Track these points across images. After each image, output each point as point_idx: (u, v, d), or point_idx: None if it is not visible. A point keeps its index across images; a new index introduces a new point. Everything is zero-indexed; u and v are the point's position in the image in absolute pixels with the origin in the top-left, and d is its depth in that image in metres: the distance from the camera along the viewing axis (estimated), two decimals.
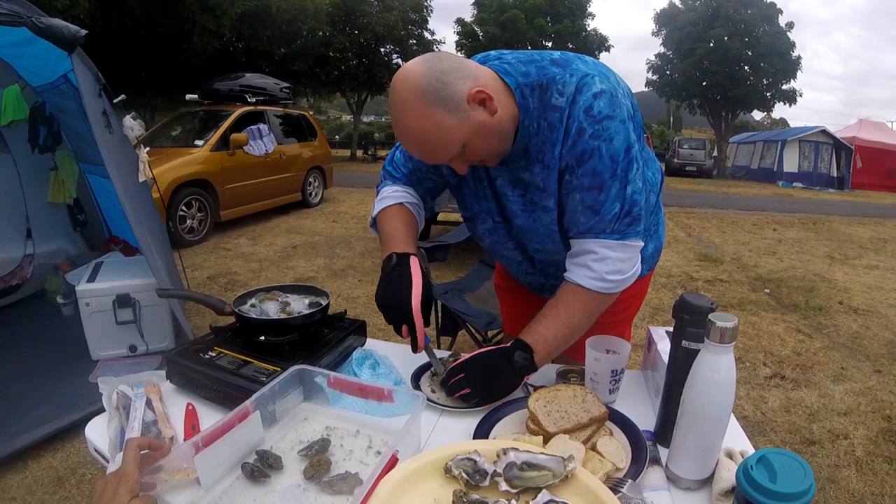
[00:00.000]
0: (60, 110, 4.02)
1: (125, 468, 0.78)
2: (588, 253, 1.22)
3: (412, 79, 1.07)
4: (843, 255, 7.72)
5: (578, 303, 1.24)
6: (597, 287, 1.21)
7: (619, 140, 1.13)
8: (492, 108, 1.11)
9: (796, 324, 4.70)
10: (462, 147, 1.13)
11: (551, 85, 1.15)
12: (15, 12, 2.62)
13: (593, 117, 1.12)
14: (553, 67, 1.17)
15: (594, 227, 1.20)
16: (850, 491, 2.52)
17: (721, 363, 0.87)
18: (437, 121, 1.07)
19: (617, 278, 1.22)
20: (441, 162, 1.18)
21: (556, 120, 1.15)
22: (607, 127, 1.12)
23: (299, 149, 9.75)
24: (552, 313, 1.25)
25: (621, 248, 1.21)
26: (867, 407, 3.27)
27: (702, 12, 25.26)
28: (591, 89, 1.12)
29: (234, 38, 18.60)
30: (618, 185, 1.16)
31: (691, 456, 0.96)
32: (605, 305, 1.28)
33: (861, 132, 22.05)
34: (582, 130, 1.12)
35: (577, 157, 1.15)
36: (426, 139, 1.10)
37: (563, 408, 1.07)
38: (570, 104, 1.13)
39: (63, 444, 2.68)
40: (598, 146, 1.13)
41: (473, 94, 1.08)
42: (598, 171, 1.15)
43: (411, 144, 1.15)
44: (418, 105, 1.06)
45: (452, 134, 1.09)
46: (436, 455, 0.91)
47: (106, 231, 4.67)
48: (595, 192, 1.17)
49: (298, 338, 1.38)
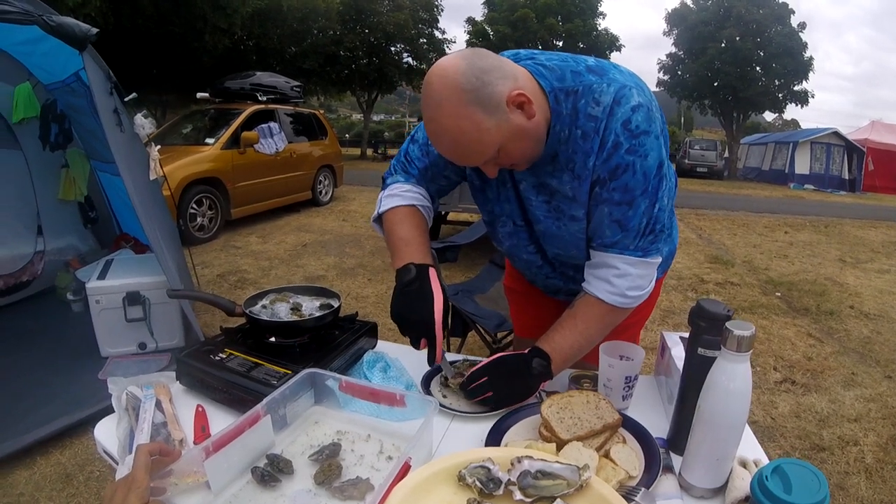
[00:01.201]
0: (71, 108, 4.04)
1: (135, 474, 0.78)
2: (610, 268, 1.21)
3: (452, 76, 1.02)
4: (854, 258, 7.66)
5: (596, 315, 1.24)
6: (616, 302, 1.21)
7: (653, 157, 1.12)
8: (530, 112, 1.08)
9: (807, 328, 4.67)
10: (497, 150, 1.09)
11: (587, 93, 1.12)
12: (26, 10, 2.63)
13: (631, 132, 1.10)
14: (589, 75, 1.15)
15: (619, 242, 1.19)
16: (859, 498, 2.50)
17: (737, 371, 0.86)
18: (476, 122, 1.03)
19: (636, 294, 1.21)
20: (474, 164, 1.14)
21: (590, 129, 1.13)
22: (643, 143, 1.10)
23: (309, 147, 9.77)
24: (570, 324, 1.24)
25: (642, 265, 1.21)
26: (877, 413, 3.24)
27: (713, 12, 25.13)
28: (630, 102, 1.10)
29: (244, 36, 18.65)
30: (647, 202, 1.15)
31: (705, 464, 0.95)
32: (621, 318, 1.27)
33: (873, 134, 21.91)
34: (619, 144, 1.10)
35: (610, 170, 1.13)
36: (462, 140, 1.06)
37: (577, 414, 1.06)
38: (608, 115, 1.11)
39: (71, 440, 2.69)
40: (633, 161, 1.11)
41: (514, 97, 1.05)
42: (631, 186, 1.13)
43: (445, 144, 1.10)
44: (457, 104, 1.02)
45: (490, 136, 1.05)
46: (449, 462, 0.90)
47: (116, 228, 4.69)
48: (624, 208, 1.15)
49: (309, 340, 1.37)
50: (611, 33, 28.35)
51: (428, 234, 1.39)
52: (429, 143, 1.39)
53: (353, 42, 23.41)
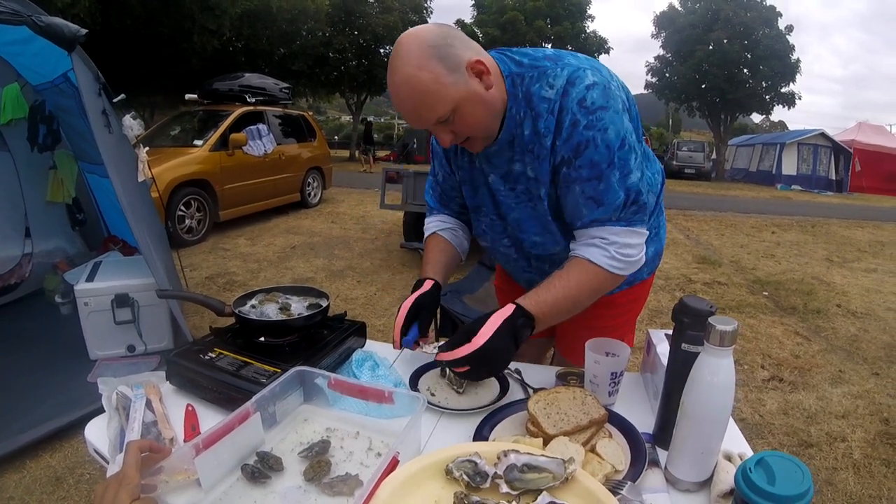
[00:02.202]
0: (60, 109, 4.02)
1: (125, 471, 0.78)
2: (595, 237, 1.23)
3: (420, 33, 1.12)
4: (841, 258, 7.73)
5: (584, 277, 1.23)
6: (606, 264, 1.21)
7: (613, 130, 1.14)
8: (487, 82, 1.15)
9: (794, 326, 4.70)
10: (452, 111, 1.14)
11: (541, 77, 1.18)
12: (15, 11, 2.62)
13: (587, 108, 1.13)
14: (545, 61, 1.20)
15: (599, 217, 1.21)
16: (847, 494, 2.53)
17: (721, 366, 0.88)
18: (435, 73, 1.09)
19: (625, 259, 1.22)
20: (430, 122, 1.17)
21: (544, 111, 1.17)
22: (601, 117, 1.13)
23: (298, 149, 9.74)
24: (560, 283, 1.23)
25: (628, 234, 1.22)
26: (865, 410, 3.28)
27: (701, 15, 25.28)
28: (584, 81, 1.14)
29: (233, 37, 18.56)
30: (617, 174, 1.17)
31: (690, 458, 0.96)
32: (611, 286, 1.28)
33: (860, 135, 22.09)
34: (576, 122, 1.14)
35: (573, 148, 1.16)
36: (421, 90, 1.11)
37: (563, 410, 1.07)
38: (562, 96, 1.15)
39: (61, 443, 2.68)
40: (593, 136, 1.14)
41: (473, 63, 1.13)
42: (596, 161, 1.16)
43: (404, 95, 1.14)
44: (420, 55, 1.09)
45: (446, 91, 1.11)
46: (437, 457, 0.91)
47: (105, 230, 4.67)
48: (595, 183, 1.17)
49: (298, 339, 1.38)
50: (599, 36, 28.48)
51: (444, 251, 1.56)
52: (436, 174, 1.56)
53: (343, 44, 23.38)
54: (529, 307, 1.20)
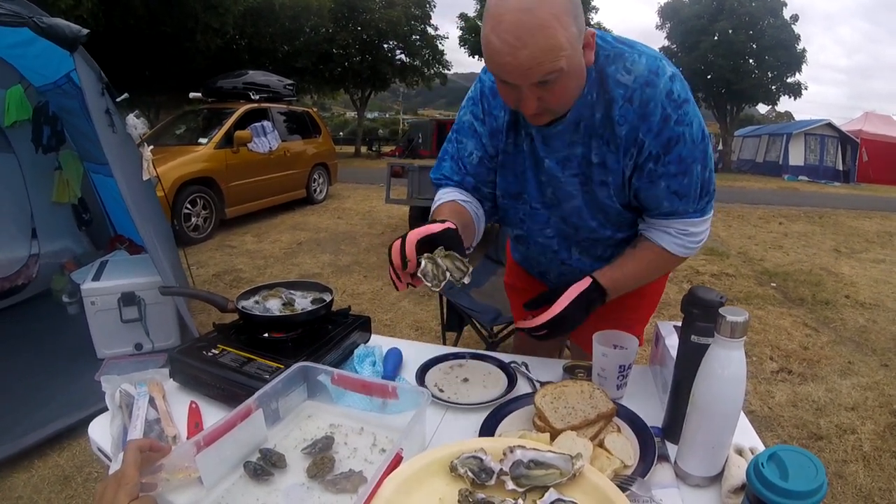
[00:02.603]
0: (64, 110, 4.02)
1: (125, 470, 0.77)
2: (671, 227, 1.26)
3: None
4: (849, 248, 7.68)
5: (656, 260, 1.31)
6: (678, 251, 1.27)
7: (696, 123, 1.14)
8: (589, 57, 1.09)
9: (803, 318, 4.67)
10: (560, 70, 1.02)
11: (618, 59, 1.13)
12: (16, 13, 2.62)
13: (675, 102, 1.11)
14: (618, 44, 1.16)
15: (678, 210, 1.22)
16: (857, 486, 2.51)
17: (731, 358, 0.86)
18: (569, 32, 0.99)
19: (695, 246, 1.29)
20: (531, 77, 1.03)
21: (618, 96, 1.13)
22: (687, 111, 1.13)
23: (303, 145, 9.75)
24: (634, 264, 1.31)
25: (702, 222, 1.26)
26: (874, 401, 3.25)
27: (706, 5, 25.14)
28: (666, 73, 1.11)
29: (237, 35, 18.58)
30: (699, 167, 1.17)
31: (701, 453, 0.95)
32: (673, 267, 1.39)
33: (867, 125, 21.94)
34: (668, 117, 1.11)
35: (663, 144, 1.14)
36: (550, 38, 0.98)
37: (571, 404, 1.06)
38: (645, 86, 1.11)
39: (69, 442, 2.69)
40: (683, 132, 1.13)
41: (590, 35, 1.07)
42: (685, 156, 1.15)
43: (529, 37, 0.98)
44: (560, 6, 0.97)
45: (569, 53, 1.01)
46: (441, 453, 0.90)
47: (111, 230, 4.68)
48: (681, 178, 1.17)
49: (302, 334, 1.36)
50: (604, 27, 28.34)
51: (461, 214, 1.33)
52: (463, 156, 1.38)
53: (346, 40, 23.35)
54: (603, 281, 1.27)
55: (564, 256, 1.47)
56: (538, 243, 1.48)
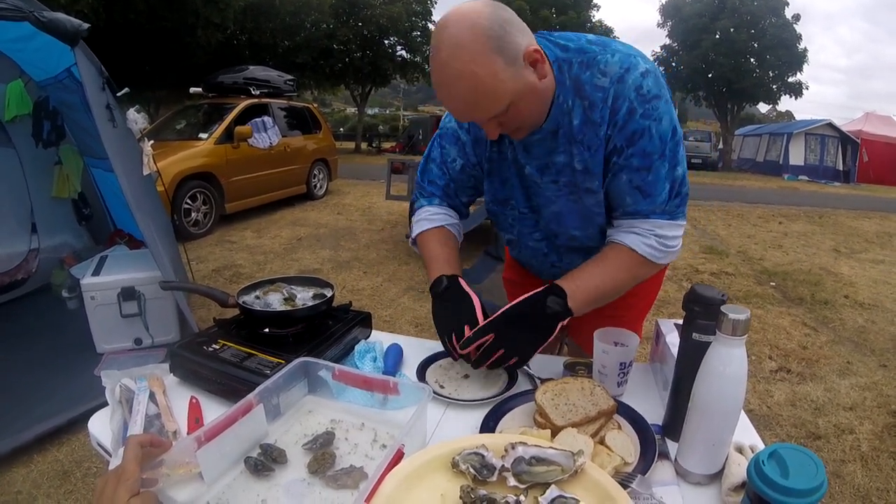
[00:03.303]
0: (64, 104, 4.02)
1: (125, 466, 0.77)
2: (637, 227, 1.21)
3: (475, 19, 0.99)
4: (848, 248, 7.68)
5: (625, 263, 1.23)
6: (647, 254, 1.20)
7: (666, 119, 1.13)
8: (542, 72, 1.08)
9: (802, 317, 4.68)
10: (508, 105, 1.06)
11: (592, 64, 1.13)
12: (17, 7, 2.62)
13: (643, 96, 1.10)
14: (591, 46, 1.16)
15: (644, 209, 1.19)
16: (855, 486, 2.51)
17: (733, 356, 0.86)
18: (495, 70, 1.00)
19: (666, 249, 1.22)
20: (482, 118, 1.10)
21: (598, 100, 1.13)
22: (657, 107, 1.11)
23: (304, 141, 9.74)
24: (598, 267, 1.24)
25: (669, 227, 1.21)
26: (873, 402, 3.26)
27: (707, 4, 25.12)
28: (638, 69, 1.11)
29: (237, 30, 18.59)
30: (667, 165, 1.15)
31: (701, 450, 0.95)
32: (648, 274, 1.28)
33: (867, 125, 21.93)
34: (633, 110, 1.11)
35: (627, 137, 1.13)
36: (478, 88, 1.01)
37: (571, 401, 1.06)
38: (617, 83, 1.11)
39: (68, 437, 2.69)
40: (649, 126, 1.12)
41: (530, 52, 1.04)
42: (648, 151, 1.14)
43: (458, 91, 1.04)
44: (478, 48, 0.98)
45: (505, 88, 1.03)
46: (442, 449, 0.89)
47: (111, 225, 4.68)
48: (644, 173, 1.15)
49: (303, 330, 1.36)
50: (605, 25, 28.41)
51: (455, 247, 1.45)
52: (447, 160, 1.44)
53: (347, 35, 23.34)
54: (562, 284, 1.20)
55: (554, 259, 1.49)
56: (529, 247, 1.51)
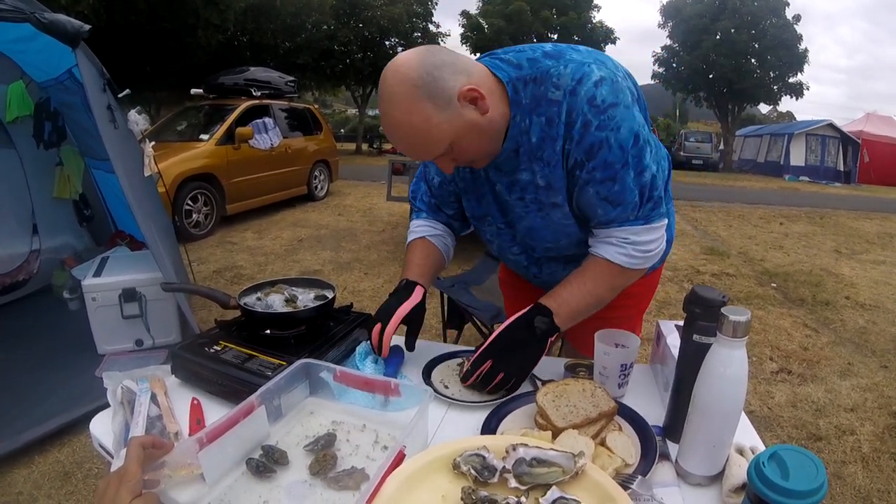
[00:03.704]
0: (65, 105, 4.02)
1: (127, 467, 0.77)
2: (612, 237, 1.22)
3: (404, 71, 1.04)
4: (849, 249, 7.67)
5: (604, 275, 1.25)
6: (624, 262, 1.21)
7: (626, 127, 1.10)
8: (483, 108, 1.09)
9: (803, 318, 4.68)
10: (449, 145, 1.11)
11: (545, 78, 1.12)
12: (18, 8, 2.62)
13: (597, 107, 1.08)
14: (546, 60, 1.15)
15: (616, 217, 1.19)
16: (856, 487, 2.51)
17: (733, 357, 0.86)
18: (426, 116, 1.05)
19: (644, 255, 1.22)
20: (427, 159, 1.16)
21: (553, 114, 1.12)
22: (613, 115, 1.09)
23: (304, 142, 9.74)
24: (578, 281, 1.26)
25: (647, 231, 1.21)
26: (874, 403, 3.25)
27: (708, 4, 25.11)
28: (591, 78, 1.09)
29: (238, 31, 18.57)
30: (632, 173, 1.14)
31: (702, 452, 0.95)
32: (630, 280, 1.29)
33: (868, 126, 21.91)
34: (588, 123, 1.09)
35: (586, 150, 1.12)
36: (413, 134, 1.08)
37: (572, 402, 1.06)
38: (569, 96, 1.10)
39: (69, 438, 2.69)
40: (606, 136, 1.10)
41: (465, 92, 1.06)
42: (610, 161, 1.12)
43: (398, 138, 1.11)
44: (408, 98, 1.04)
45: (441, 130, 1.07)
46: (444, 451, 0.90)
47: (112, 226, 4.68)
48: (609, 184, 1.14)
49: (304, 331, 1.37)
50: (606, 26, 28.29)
51: (431, 256, 1.50)
52: (429, 177, 1.51)
53: (347, 36, 23.32)
54: (546, 302, 1.23)
55: (535, 271, 1.51)
56: (510, 259, 1.54)
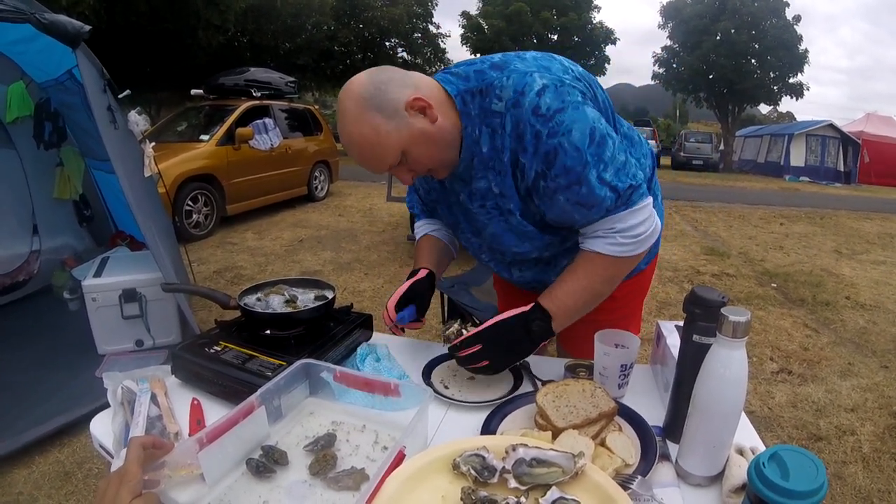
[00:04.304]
0: (65, 106, 4.02)
1: (127, 467, 0.77)
2: (598, 230, 1.21)
3: (354, 88, 1.11)
4: (850, 249, 7.67)
5: (597, 268, 1.23)
6: (616, 252, 1.20)
7: (577, 128, 1.09)
8: (431, 116, 1.13)
9: (803, 318, 4.68)
10: (402, 154, 1.14)
11: (490, 90, 1.15)
12: (19, 9, 2.62)
13: (543, 116, 1.09)
14: (491, 71, 1.17)
15: (595, 217, 1.18)
16: (856, 487, 2.51)
17: (733, 358, 0.86)
18: (374, 125, 1.09)
19: (634, 240, 1.19)
20: (382, 170, 1.18)
21: (497, 125, 1.15)
22: (561, 120, 1.09)
23: (305, 143, 9.73)
24: (572, 279, 1.24)
25: (630, 215, 1.18)
26: (874, 403, 3.25)
27: (708, 5, 25.13)
28: (533, 88, 1.09)
29: (238, 32, 18.57)
30: (594, 172, 1.12)
31: (701, 452, 0.95)
32: (626, 269, 1.27)
33: (868, 126, 21.88)
34: (538, 133, 1.10)
35: (543, 160, 1.12)
36: (365, 144, 1.12)
37: (572, 403, 1.06)
38: (512, 108, 1.11)
39: (70, 438, 2.69)
40: (559, 142, 1.09)
41: (411, 102, 1.10)
42: (570, 165, 1.11)
43: (354, 151, 1.15)
44: (357, 110, 1.09)
45: (391, 139, 1.11)
46: (444, 451, 0.90)
47: (112, 226, 4.68)
48: (576, 188, 1.13)
49: (304, 332, 1.37)
50: (606, 27, 28.30)
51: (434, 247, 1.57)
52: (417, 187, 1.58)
53: (348, 37, 23.35)
54: (544, 303, 1.23)
55: (506, 276, 1.54)
56: (485, 262, 1.58)
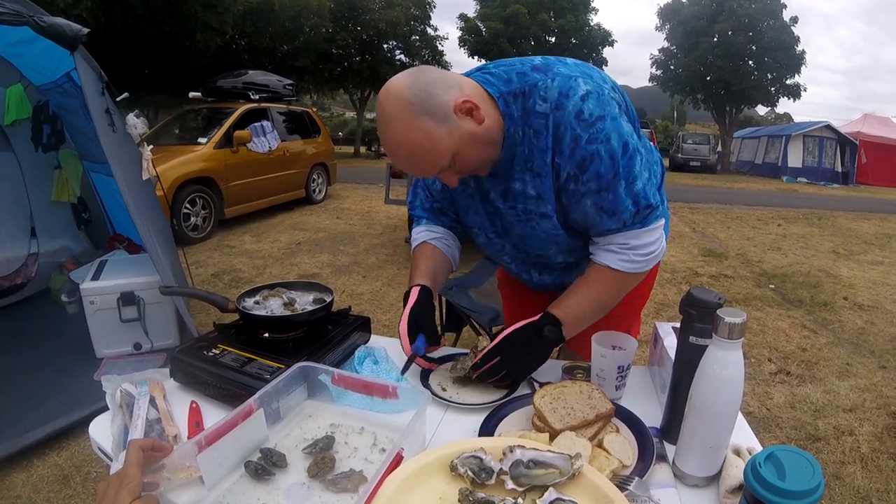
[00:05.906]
0: (63, 109, 4.02)
1: (127, 469, 0.77)
2: (612, 244, 1.25)
3: (398, 92, 1.07)
4: (847, 250, 7.68)
5: (607, 282, 1.28)
6: (626, 268, 1.25)
7: (615, 139, 1.13)
8: (479, 118, 1.12)
9: (801, 319, 4.68)
10: (452, 158, 1.13)
11: (533, 91, 1.15)
12: (17, 11, 2.62)
13: (585, 121, 1.11)
14: (534, 73, 1.17)
15: (614, 226, 1.22)
16: (855, 488, 2.51)
17: (729, 359, 0.86)
18: (427, 131, 1.07)
19: (645, 258, 1.25)
20: (432, 174, 1.17)
21: (540, 127, 1.15)
22: (601, 128, 1.11)
23: (303, 145, 9.74)
24: (582, 290, 1.28)
25: (645, 234, 1.23)
26: (872, 403, 3.26)
27: (706, 6, 25.13)
28: (577, 93, 1.11)
29: (236, 35, 18.57)
30: (623, 182, 1.16)
31: (698, 453, 0.95)
32: (634, 283, 1.32)
33: (865, 127, 21.90)
34: (577, 137, 1.12)
35: (577, 164, 1.15)
36: (416, 151, 1.10)
37: (570, 404, 1.06)
38: (556, 110, 1.12)
39: (68, 442, 2.69)
40: (597, 149, 1.13)
41: (460, 104, 1.09)
42: (602, 173, 1.14)
43: (402, 158, 1.13)
44: (406, 117, 1.06)
45: (443, 144, 1.09)
46: (441, 453, 0.90)
47: (110, 229, 4.68)
48: (604, 195, 1.17)
49: (302, 334, 1.37)
50: (603, 29, 28.36)
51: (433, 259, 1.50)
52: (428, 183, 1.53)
53: (346, 40, 23.32)
54: (554, 312, 1.26)
55: (526, 278, 1.54)
56: (506, 265, 1.57)
